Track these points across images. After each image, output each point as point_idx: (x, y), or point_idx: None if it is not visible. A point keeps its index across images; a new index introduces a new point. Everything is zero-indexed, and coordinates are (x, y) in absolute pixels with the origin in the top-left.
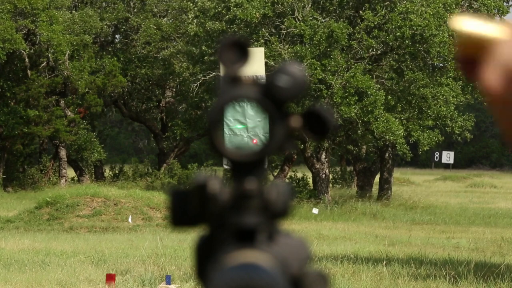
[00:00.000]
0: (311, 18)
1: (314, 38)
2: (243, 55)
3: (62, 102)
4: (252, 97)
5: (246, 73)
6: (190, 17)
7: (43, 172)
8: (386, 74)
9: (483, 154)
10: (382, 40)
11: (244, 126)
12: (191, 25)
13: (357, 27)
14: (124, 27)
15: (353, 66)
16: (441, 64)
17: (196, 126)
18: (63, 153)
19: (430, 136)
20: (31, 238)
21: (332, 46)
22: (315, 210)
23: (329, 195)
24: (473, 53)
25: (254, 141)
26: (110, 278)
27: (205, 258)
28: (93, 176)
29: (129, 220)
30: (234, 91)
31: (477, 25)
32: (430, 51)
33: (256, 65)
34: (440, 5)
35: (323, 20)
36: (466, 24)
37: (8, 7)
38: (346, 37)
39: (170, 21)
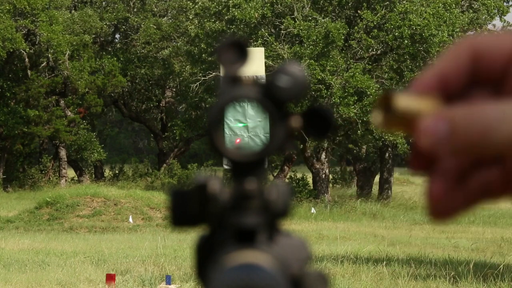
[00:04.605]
0: (310, 18)
1: (309, 38)
2: (242, 55)
3: (62, 102)
4: (252, 97)
5: (246, 73)
6: (190, 16)
7: (43, 172)
8: (386, 74)
9: None
10: (382, 40)
11: (244, 125)
12: (191, 26)
13: (356, 27)
14: (124, 27)
15: (352, 66)
16: None
17: (196, 126)
18: (63, 153)
19: None
20: (31, 238)
21: (329, 46)
22: (313, 210)
23: (329, 195)
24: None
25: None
26: (110, 278)
27: (205, 258)
28: (93, 176)
29: (130, 220)
30: (234, 91)
31: (408, 101)
32: (429, 51)
33: (256, 65)
34: (440, 5)
35: (323, 20)
36: (400, 101)
37: (8, 7)
38: (343, 37)
39: (170, 20)
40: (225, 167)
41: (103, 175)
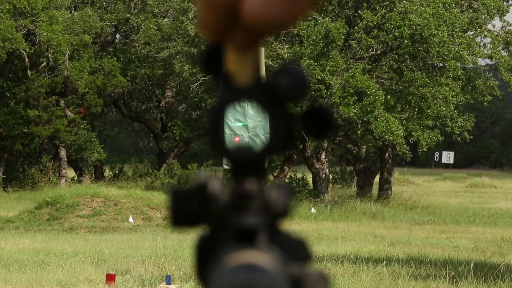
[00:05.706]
0: (310, 18)
1: (309, 38)
2: None
3: (62, 102)
4: (252, 97)
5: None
6: (190, 16)
7: (43, 172)
8: (386, 74)
9: (483, 154)
10: (382, 40)
11: (244, 125)
12: (190, 26)
13: (356, 27)
14: (124, 27)
15: (352, 66)
16: (440, 64)
17: (196, 126)
18: (63, 153)
19: (430, 136)
20: (31, 238)
21: (329, 46)
22: (313, 210)
23: (329, 195)
24: None
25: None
26: (110, 278)
27: (206, 259)
28: (93, 176)
29: (130, 219)
30: (235, 91)
31: None
32: (429, 51)
33: None
34: (440, 4)
35: (322, 20)
36: None
37: (8, 7)
38: (343, 36)
39: (171, 21)
40: (225, 167)
41: (103, 175)
